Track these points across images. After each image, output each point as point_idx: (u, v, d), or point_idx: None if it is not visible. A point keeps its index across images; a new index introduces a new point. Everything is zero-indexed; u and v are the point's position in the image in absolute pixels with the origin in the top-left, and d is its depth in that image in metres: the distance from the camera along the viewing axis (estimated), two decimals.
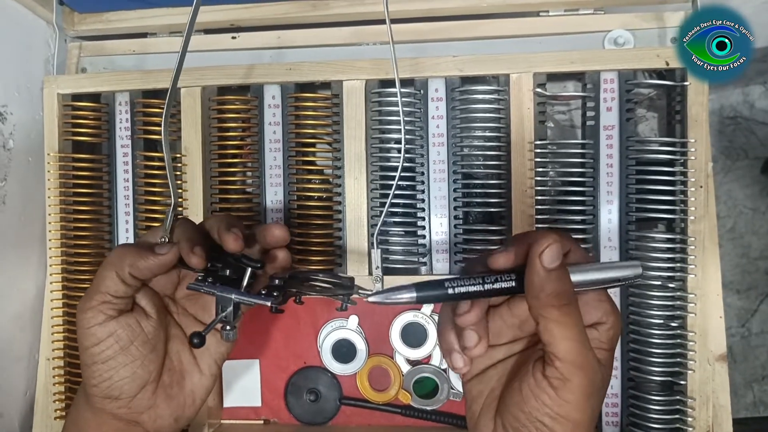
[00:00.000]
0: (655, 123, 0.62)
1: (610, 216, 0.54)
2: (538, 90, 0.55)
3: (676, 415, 0.53)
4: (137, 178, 0.60)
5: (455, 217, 0.56)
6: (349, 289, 0.42)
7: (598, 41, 0.59)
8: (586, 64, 0.54)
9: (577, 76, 0.58)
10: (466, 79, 0.57)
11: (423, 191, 0.57)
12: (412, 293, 0.36)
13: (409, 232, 0.57)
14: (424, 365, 0.59)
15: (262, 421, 0.61)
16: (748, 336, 1.03)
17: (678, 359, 0.53)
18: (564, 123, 0.63)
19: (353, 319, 0.59)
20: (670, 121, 0.57)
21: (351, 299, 0.42)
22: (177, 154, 0.60)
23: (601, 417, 0.55)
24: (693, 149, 0.53)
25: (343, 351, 0.59)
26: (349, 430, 0.60)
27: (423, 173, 0.57)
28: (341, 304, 0.42)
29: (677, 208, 0.53)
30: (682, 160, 0.53)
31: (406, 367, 0.59)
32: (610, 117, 0.55)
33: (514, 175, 0.55)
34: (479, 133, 0.56)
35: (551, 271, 0.33)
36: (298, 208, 0.58)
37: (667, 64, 0.53)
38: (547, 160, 0.55)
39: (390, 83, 0.57)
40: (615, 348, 0.37)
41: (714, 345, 0.54)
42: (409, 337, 0.59)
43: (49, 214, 0.59)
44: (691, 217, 0.53)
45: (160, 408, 0.43)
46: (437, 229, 0.56)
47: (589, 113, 0.56)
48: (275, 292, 0.40)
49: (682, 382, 0.53)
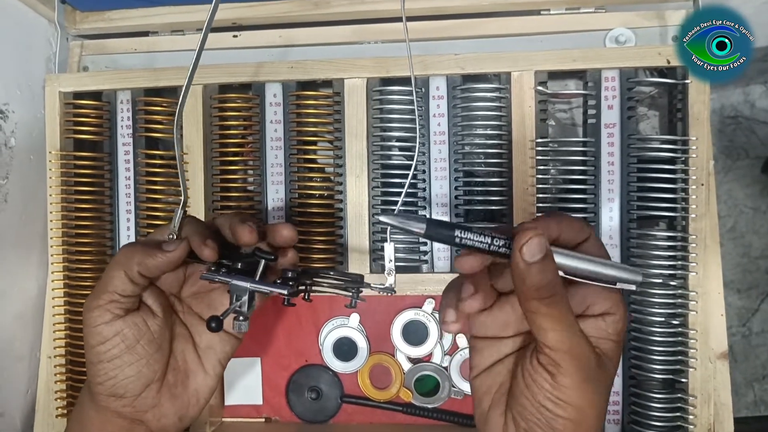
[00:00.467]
0: (657, 121, 0.62)
1: (611, 214, 0.54)
2: (540, 88, 0.55)
3: (678, 413, 0.53)
4: (139, 177, 0.60)
5: (456, 215, 0.56)
6: (360, 284, 0.42)
7: (599, 39, 0.59)
8: (588, 62, 0.54)
9: (578, 75, 0.58)
10: (468, 77, 0.57)
11: (424, 189, 0.57)
12: (422, 225, 0.36)
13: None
14: (425, 363, 0.59)
15: (263, 419, 0.61)
16: (749, 335, 1.03)
17: (679, 357, 0.53)
18: (565, 121, 0.63)
19: (354, 317, 0.59)
20: (671, 119, 0.57)
21: (360, 296, 0.42)
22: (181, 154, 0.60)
23: None
24: (694, 147, 0.53)
25: (345, 349, 0.59)
26: (350, 428, 0.60)
27: (424, 171, 0.57)
28: (350, 300, 0.42)
29: (678, 206, 0.53)
30: (684, 158, 0.53)
31: (407, 365, 0.59)
32: (611, 115, 0.55)
33: (515, 173, 0.55)
34: (480, 131, 0.56)
35: (531, 265, 0.33)
36: (300, 206, 0.58)
37: (668, 63, 0.53)
38: (549, 158, 0.55)
39: (391, 81, 0.57)
40: (622, 340, 0.37)
41: (715, 343, 0.54)
42: (410, 335, 0.59)
43: (50, 213, 0.59)
44: (693, 215, 0.53)
45: (164, 407, 0.42)
46: None
47: (591, 111, 0.56)
48: (290, 282, 0.40)
49: (684, 380, 0.53)
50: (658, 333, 0.53)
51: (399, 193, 0.56)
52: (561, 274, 0.35)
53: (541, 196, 0.55)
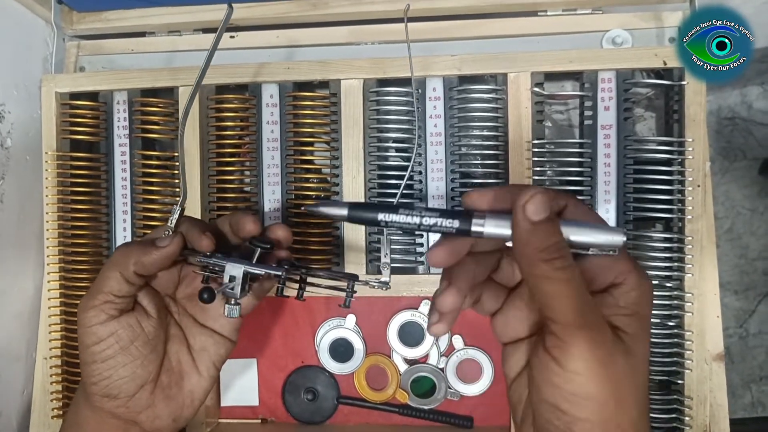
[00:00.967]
0: (653, 123, 0.62)
1: (607, 215, 0.54)
2: (536, 89, 0.55)
3: (674, 414, 0.53)
4: (135, 177, 0.60)
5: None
6: (354, 279, 0.42)
7: (596, 41, 0.59)
8: (584, 63, 0.54)
9: (575, 76, 0.58)
10: (464, 79, 0.57)
11: (421, 190, 0.57)
12: (344, 211, 0.34)
13: (406, 231, 0.57)
14: (421, 364, 0.59)
15: (259, 420, 0.61)
16: (746, 336, 1.03)
17: (675, 358, 0.53)
18: (562, 122, 0.63)
19: (351, 319, 0.59)
20: (668, 121, 0.57)
21: (354, 295, 0.42)
22: (175, 153, 0.60)
23: None
24: (690, 149, 0.53)
25: (341, 350, 0.59)
26: (346, 429, 0.60)
27: (421, 172, 0.57)
28: (345, 300, 0.42)
29: (675, 207, 0.53)
30: (680, 160, 0.53)
31: (403, 367, 0.59)
32: (607, 116, 0.55)
33: (511, 174, 0.55)
34: (477, 132, 0.56)
35: (537, 224, 0.30)
36: (296, 207, 0.58)
37: (664, 64, 0.53)
38: (545, 159, 0.55)
39: (388, 82, 0.57)
40: (645, 312, 0.32)
41: (711, 344, 0.54)
42: (406, 336, 0.59)
43: (46, 213, 0.59)
44: (689, 217, 0.53)
45: (158, 408, 0.42)
46: None
47: (587, 113, 0.56)
48: (285, 266, 0.41)
49: (680, 382, 0.53)
50: (654, 334, 0.53)
51: (395, 194, 0.56)
52: None
53: None
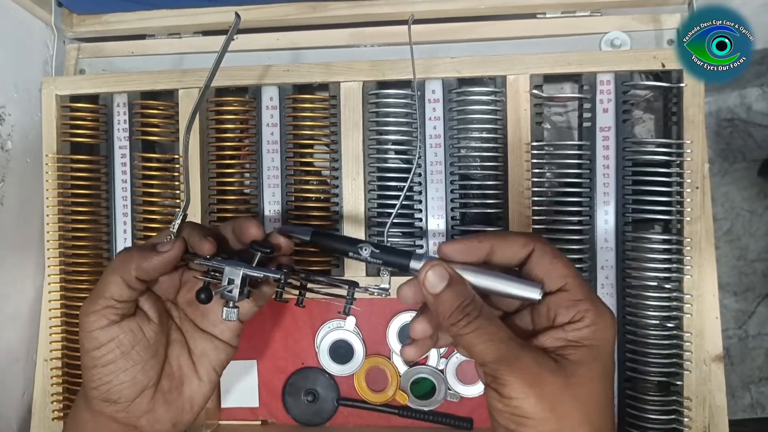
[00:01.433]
0: (652, 124, 0.62)
1: (606, 217, 0.55)
2: (535, 91, 0.55)
3: (673, 416, 0.53)
4: (135, 180, 0.60)
5: (452, 218, 0.56)
6: (353, 285, 0.42)
7: (595, 43, 0.59)
8: (583, 65, 0.55)
9: (573, 78, 0.58)
10: (463, 81, 0.57)
11: (420, 192, 0.57)
12: (307, 237, 0.43)
13: (406, 233, 0.57)
14: (421, 366, 0.59)
15: (259, 422, 0.61)
16: (746, 338, 1.03)
17: (674, 360, 0.53)
18: (561, 124, 0.63)
19: (350, 321, 0.59)
20: (666, 123, 0.57)
21: (354, 305, 0.42)
22: (175, 155, 0.60)
23: None
24: (689, 150, 0.53)
25: (341, 352, 0.60)
26: (346, 430, 0.60)
27: (420, 174, 0.57)
28: (344, 308, 0.42)
29: (673, 209, 0.53)
30: (678, 161, 0.53)
31: (403, 368, 0.59)
32: (606, 118, 0.55)
33: (510, 176, 0.55)
34: (476, 134, 0.57)
35: (438, 295, 0.35)
36: (296, 209, 0.58)
37: (663, 66, 0.53)
38: (544, 161, 0.55)
39: (387, 85, 0.57)
40: (598, 344, 0.35)
41: (710, 346, 0.54)
42: (406, 337, 0.59)
43: (47, 216, 0.59)
44: (687, 218, 0.53)
45: (158, 413, 0.42)
46: (434, 230, 0.57)
47: (586, 115, 0.56)
48: (285, 269, 0.41)
49: (679, 383, 0.53)
50: (653, 336, 0.53)
51: (395, 196, 0.56)
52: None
53: (536, 199, 0.55)
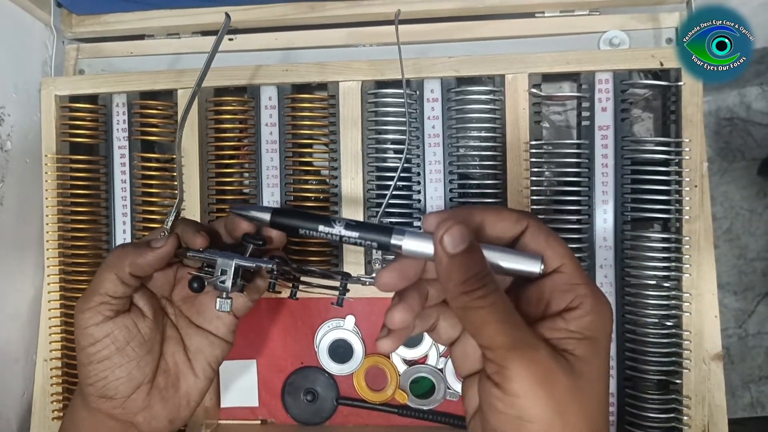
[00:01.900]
0: (651, 123, 0.62)
1: (605, 216, 0.55)
2: (533, 90, 0.55)
3: (672, 414, 0.53)
4: (134, 180, 0.60)
5: None
6: (346, 276, 0.42)
7: (593, 42, 0.59)
8: (581, 64, 0.55)
9: (572, 77, 0.59)
10: (462, 80, 0.57)
11: (419, 191, 0.57)
12: (267, 215, 0.38)
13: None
14: (420, 365, 0.59)
15: (259, 422, 0.61)
16: (745, 337, 1.03)
17: (673, 358, 0.53)
18: (560, 123, 0.63)
19: (350, 320, 0.59)
20: (665, 122, 0.57)
21: (346, 294, 0.42)
22: (174, 155, 0.60)
23: None
24: (687, 149, 0.53)
25: (340, 351, 0.60)
26: (346, 430, 0.60)
27: (419, 174, 0.57)
28: (337, 299, 0.42)
29: (672, 207, 0.54)
30: (677, 160, 0.54)
31: (402, 367, 0.59)
32: (605, 117, 0.55)
33: (509, 175, 0.55)
34: (475, 133, 0.57)
35: (455, 256, 0.30)
36: (296, 209, 0.58)
37: (661, 65, 0.53)
38: (543, 160, 0.55)
39: (386, 84, 0.57)
40: (599, 337, 0.32)
41: (709, 344, 0.54)
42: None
43: (46, 216, 0.59)
44: (686, 217, 0.53)
45: (154, 409, 0.43)
46: None
47: (585, 114, 0.56)
48: (277, 260, 0.41)
49: (678, 381, 0.53)
50: (652, 334, 0.53)
51: (393, 195, 0.56)
52: None
53: (535, 198, 0.55)
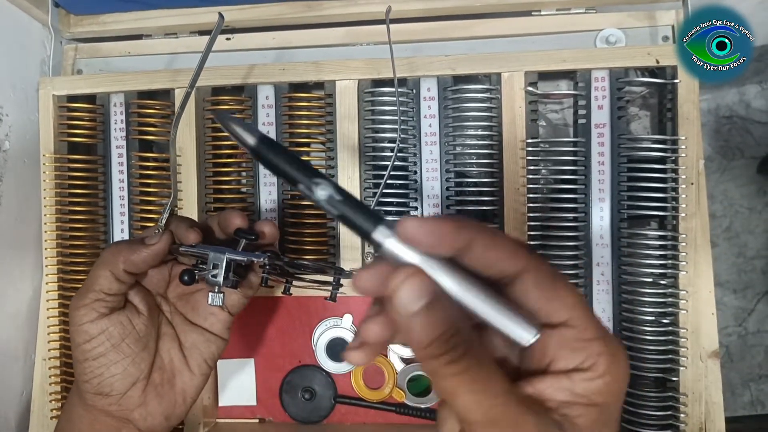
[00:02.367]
0: (648, 121, 0.62)
1: (602, 214, 0.55)
2: (530, 89, 0.55)
3: (669, 412, 0.53)
4: (132, 179, 0.60)
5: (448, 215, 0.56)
6: (339, 271, 0.42)
7: (590, 40, 0.59)
8: (577, 62, 0.55)
9: (569, 75, 0.59)
10: (459, 79, 0.57)
11: (416, 190, 0.57)
12: (252, 139, 0.27)
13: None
14: (418, 363, 0.59)
15: (257, 420, 0.61)
16: (745, 335, 1.03)
17: (670, 356, 0.53)
18: (557, 121, 0.63)
19: (347, 318, 0.60)
20: (661, 119, 0.57)
21: (339, 289, 0.43)
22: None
23: None
24: (684, 146, 0.53)
25: (338, 350, 0.60)
26: (343, 428, 0.60)
27: (416, 172, 0.57)
28: (330, 293, 0.42)
29: (669, 205, 0.54)
30: (674, 158, 0.54)
31: (400, 366, 0.59)
32: (601, 115, 0.55)
33: (506, 173, 0.55)
34: (471, 132, 0.57)
35: (415, 315, 0.24)
36: (292, 207, 0.58)
37: (657, 62, 0.53)
38: (539, 158, 0.55)
39: (383, 83, 0.57)
40: (609, 402, 0.26)
41: (706, 342, 0.54)
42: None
43: (44, 215, 0.60)
44: (683, 214, 0.53)
45: (150, 406, 0.43)
46: None
47: (581, 112, 0.56)
48: (269, 254, 0.41)
49: (675, 379, 0.53)
50: (648, 332, 0.53)
51: (391, 194, 0.56)
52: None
53: (532, 196, 0.55)
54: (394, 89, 0.56)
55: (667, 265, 0.53)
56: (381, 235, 0.26)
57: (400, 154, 0.58)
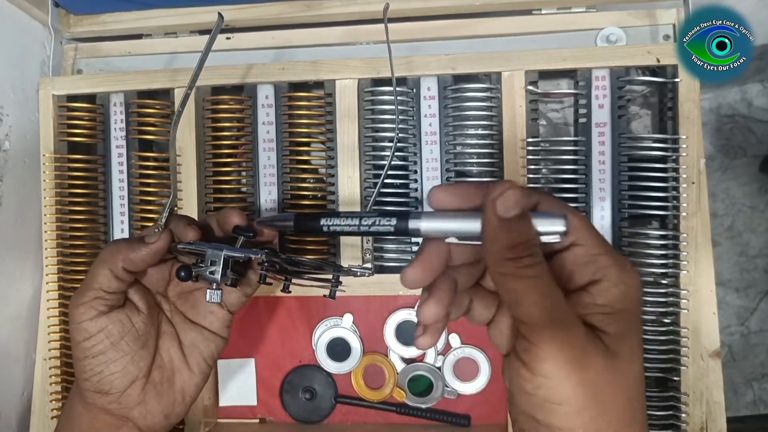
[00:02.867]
0: (649, 120, 0.62)
1: (602, 213, 0.54)
2: (530, 88, 0.55)
3: (670, 411, 0.53)
4: (132, 179, 0.60)
5: None
6: (337, 267, 0.42)
7: (590, 39, 0.59)
8: (578, 61, 0.54)
9: (569, 74, 0.58)
10: (459, 78, 0.57)
11: (416, 189, 0.57)
12: (290, 222, 0.37)
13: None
14: (418, 363, 0.59)
15: (257, 420, 0.61)
16: (748, 334, 1.02)
17: (671, 355, 0.53)
18: (558, 121, 0.63)
19: (348, 318, 0.59)
20: (662, 118, 0.57)
21: (339, 286, 0.42)
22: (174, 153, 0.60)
23: None
24: (684, 146, 0.53)
25: (338, 349, 0.60)
26: (344, 428, 0.60)
27: (416, 171, 0.57)
28: (330, 291, 0.42)
29: (670, 204, 0.53)
30: (674, 157, 0.53)
31: (400, 365, 0.59)
32: (601, 114, 0.55)
33: (506, 172, 0.55)
34: (472, 131, 0.57)
35: (507, 220, 0.29)
36: (292, 207, 0.58)
37: (658, 61, 0.53)
38: (540, 157, 0.55)
39: (382, 82, 0.57)
40: (630, 308, 0.30)
41: (707, 341, 0.53)
42: (403, 335, 0.59)
43: (44, 215, 0.60)
44: (684, 214, 0.53)
45: (150, 404, 0.43)
46: None
47: (581, 111, 0.56)
48: (266, 250, 0.40)
49: (676, 379, 0.53)
50: (650, 332, 0.53)
51: (391, 193, 0.56)
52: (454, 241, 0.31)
53: None
54: (397, 88, 0.56)
55: (668, 265, 0.53)
56: (415, 224, 0.32)
57: (400, 154, 0.58)
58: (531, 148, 0.55)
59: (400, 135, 0.57)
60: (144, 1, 0.62)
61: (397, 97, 0.56)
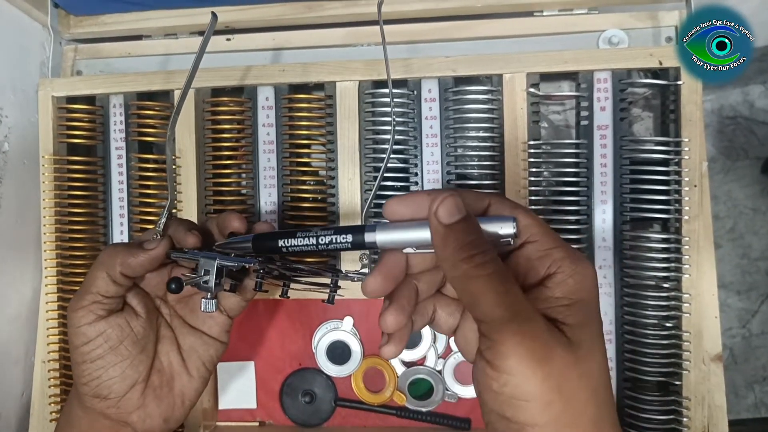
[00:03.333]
0: (651, 123, 0.61)
1: (604, 216, 0.54)
2: (531, 90, 0.55)
3: (672, 416, 0.52)
4: (132, 180, 0.60)
5: None
6: (335, 271, 0.42)
7: (592, 41, 0.59)
8: (579, 63, 0.54)
9: (571, 76, 0.58)
10: (460, 80, 0.57)
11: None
12: (248, 243, 0.38)
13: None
14: (418, 366, 0.59)
15: (257, 423, 0.61)
16: (749, 337, 1.02)
17: (673, 359, 0.53)
18: (559, 123, 0.63)
19: (348, 321, 0.59)
20: (664, 121, 0.57)
21: (338, 292, 0.42)
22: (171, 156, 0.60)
23: None
24: (687, 148, 0.53)
25: (338, 352, 0.59)
26: (344, 431, 0.60)
27: (417, 174, 0.57)
28: (328, 296, 0.42)
29: (671, 207, 0.53)
30: (677, 160, 0.53)
31: (400, 369, 0.59)
32: (603, 117, 0.54)
33: (507, 175, 0.55)
34: (473, 133, 0.56)
35: (450, 225, 0.30)
36: (292, 209, 0.58)
37: (660, 64, 0.53)
38: (541, 160, 0.55)
39: (383, 84, 0.57)
40: (588, 298, 0.31)
41: (709, 345, 0.53)
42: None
43: (44, 217, 0.59)
44: (686, 217, 0.52)
45: (149, 408, 0.43)
46: None
47: (583, 113, 0.55)
48: (260, 258, 0.40)
49: (678, 383, 0.53)
50: (651, 335, 0.53)
51: (391, 196, 0.56)
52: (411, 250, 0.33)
53: (533, 198, 0.54)
54: (396, 90, 0.56)
55: (670, 268, 0.53)
56: (370, 237, 0.34)
57: (401, 156, 0.57)
58: (532, 150, 0.54)
59: (401, 137, 0.57)
60: (144, 3, 0.62)
61: (398, 99, 0.56)
